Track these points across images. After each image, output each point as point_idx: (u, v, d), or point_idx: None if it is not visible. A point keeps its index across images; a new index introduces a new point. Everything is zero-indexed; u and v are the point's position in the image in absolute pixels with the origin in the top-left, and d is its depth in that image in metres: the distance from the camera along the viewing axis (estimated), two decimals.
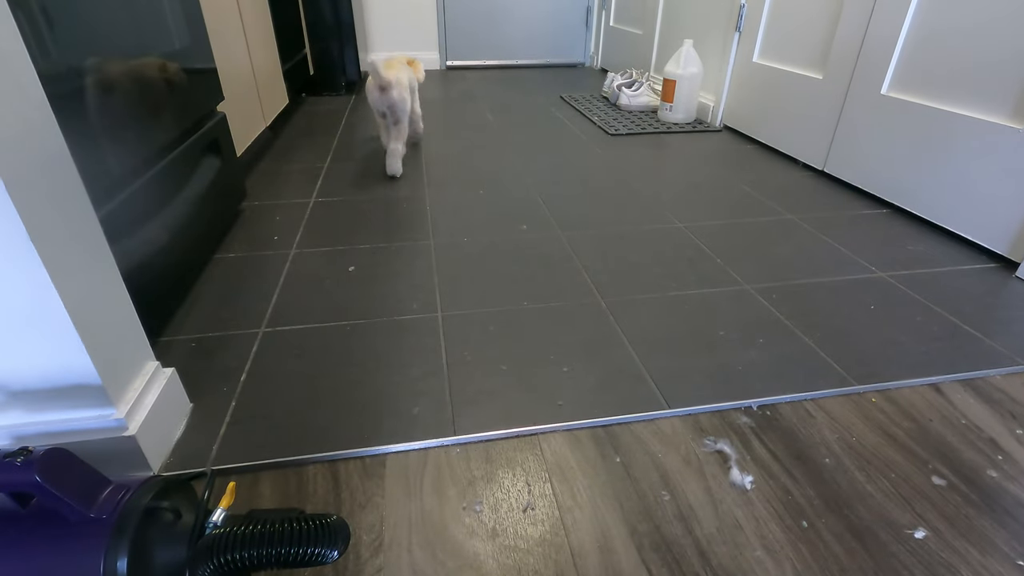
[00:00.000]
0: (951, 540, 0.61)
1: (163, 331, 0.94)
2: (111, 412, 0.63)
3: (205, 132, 1.18)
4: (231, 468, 0.69)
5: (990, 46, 1.16)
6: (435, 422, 0.76)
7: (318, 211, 1.41)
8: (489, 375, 0.85)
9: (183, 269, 1.06)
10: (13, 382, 0.60)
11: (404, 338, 0.93)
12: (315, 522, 0.47)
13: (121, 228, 0.81)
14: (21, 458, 0.43)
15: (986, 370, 0.86)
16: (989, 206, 1.19)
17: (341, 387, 0.82)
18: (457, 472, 0.69)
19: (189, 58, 1.12)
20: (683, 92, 2.12)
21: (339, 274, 1.12)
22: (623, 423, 0.76)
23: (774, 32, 1.83)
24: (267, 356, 0.88)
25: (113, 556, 0.44)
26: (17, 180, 0.50)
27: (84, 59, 0.76)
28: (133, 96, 0.89)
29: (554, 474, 0.69)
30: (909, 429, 0.75)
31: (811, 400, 0.80)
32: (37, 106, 0.55)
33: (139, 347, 0.70)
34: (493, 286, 1.08)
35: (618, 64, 3.02)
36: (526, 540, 0.61)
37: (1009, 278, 1.11)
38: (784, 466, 0.70)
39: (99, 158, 0.77)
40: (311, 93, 2.70)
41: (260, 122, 1.80)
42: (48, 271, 0.53)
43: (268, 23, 1.99)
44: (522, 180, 1.62)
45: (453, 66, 3.47)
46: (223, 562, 0.45)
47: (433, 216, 1.38)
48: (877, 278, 1.11)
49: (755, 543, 0.60)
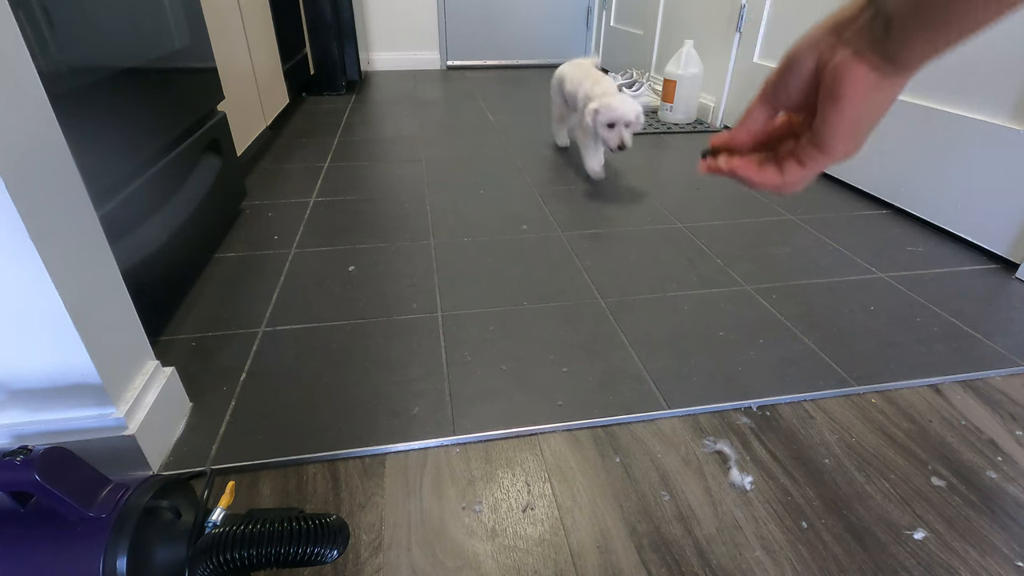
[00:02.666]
0: (950, 541, 0.61)
1: (163, 331, 0.94)
2: (111, 411, 0.63)
3: (205, 131, 1.18)
4: (231, 467, 0.69)
5: (990, 47, 1.16)
6: (435, 422, 0.76)
7: (318, 211, 1.41)
8: (489, 375, 0.85)
9: (183, 269, 1.06)
10: (13, 381, 0.60)
11: (404, 338, 0.93)
12: (314, 522, 0.47)
13: (121, 228, 0.81)
14: (20, 457, 0.43)
15: (986, 371, 0.86)
16: (989, 207, 1.19)
17: (341, 387, 0.82)
18: (457, 472, 0.69)
19: (189, 57, 1.12)
20: (683, 92, 2.12)
21: (339, 274, 1.12)
22: (623, 423, 0.76)
23: (775, 32, 1.83)
24: (267, 356, 0.88)
25: (112, 555, 0.44)
26: (17, 180, 0.50)
27: (85, 59, 0.76)
28: (133, 95, 0.89)
29: (554, 474, 0.69)
30: (909, 430, 0.75)
31: (811, 401, 0.80)
32: (37, 106, 0.55)
33: (139, 346, 0.70)
34: (493, 286, 1.08)
35: (619, 64, 3.02)
36: (525, 540, 0.61)
37: (1009, 279, 1.11)
38: (784, 467, 0.70)
39: (99, 158, 0.77)
40: (311, 93, 2.70)
41: (260, 122, 1.80)
42: (48, 271, 0.53)
43: (268, 23, 1.99)
44: (522, 180, 1.62)
45: (453, 66, 3.47)
46: (222, 561, 0.45)
47: (433, 216, 1.38)
48: (877, 279, 1.11)
49: (755, 544, 0.60)
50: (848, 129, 0.34)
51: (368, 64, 3.38)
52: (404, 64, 3.44)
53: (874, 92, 0.32)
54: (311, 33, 2.60)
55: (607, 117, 1.40)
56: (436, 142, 1.98)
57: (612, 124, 1.40)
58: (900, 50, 0.30)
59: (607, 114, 1.39)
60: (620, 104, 1.40)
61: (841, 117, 0.33)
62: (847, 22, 0.32)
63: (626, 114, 1.39)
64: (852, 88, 0.32)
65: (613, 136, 1.41)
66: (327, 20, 2.60)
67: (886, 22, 0.29)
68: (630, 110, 1.40)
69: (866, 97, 0.32)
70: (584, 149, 1.57)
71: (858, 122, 0.33)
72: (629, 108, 1.40)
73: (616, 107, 1.39)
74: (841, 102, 0.32)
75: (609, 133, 1.41)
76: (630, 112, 1.40)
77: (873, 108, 0.33)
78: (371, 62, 3.40)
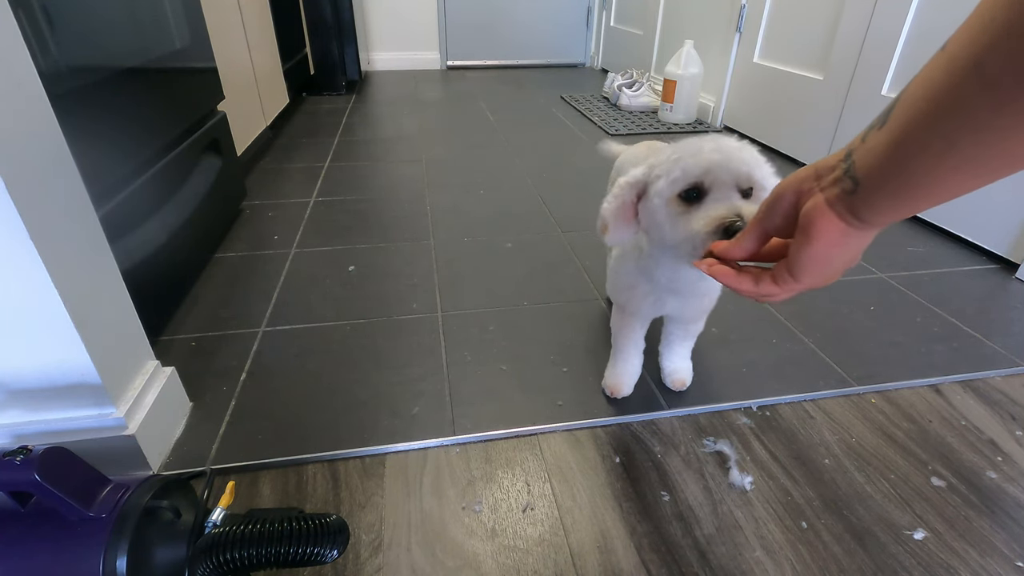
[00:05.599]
0: (950, 541, 0.61)
1: (163, 330, 0.94)
2: (111, 411, 0.63)
3: (205, 131, 1.18)
4: (231, 467, 0.69)
5: None
6: (435, 422, 0.76)
7: (318, 211, 1.40)
8: (489, 375, 0.85)
9: (183, 269, 1.06)
10: (13, 381, 0.59)
11: (404, 338, 0.93)
12: (314, 521, 0.47)
13: (121, 227, 0.81)
14: (20, 457, 0.43)
15: (986, 371, 0.86)
16: (989, 207, 1.19)
17: (341, 387, 0.82)
18: (457, 472, 0.69)
19: (189, 57, 1.12)
20: (684, 93, 2.12)
21: (339, 274, 1.12)
22: (623, 423, 0.76)
23: (775, 33, 1.83)
24: (267, 356, 0.88)
25: (112, 555, 0.44)
26: (17, 180, 0.50)
27: (85, 58, 0.76)
28: (133, 95, 0.89)
29: (554, 474, 0.69)
30: (909, 430, 0.75)
31: (811, 401, 0.80)
32: (37, 106, 0.55)
33: (139, 346, 0.70)
34: (493, 286, 1.08)
35: (619, 64, 3.02)
36: (525, 540, 0.61)
37: (1009, 279, 1.11)
38: (784, 467, 0.70)
39: (99, 158, 0.77)
40: (311, 93, 2.70)
41: (260, 121, 1.80)
42: (48, 271, 0.53)
43: (268, 22, 1.99)
44: (522, 180, 1.62)
45: (453, 66, 3.47)
46: (222, 561, 0.45)
47: (433, 216, 1.38)
48: (877, 279, 1.11)
49: (754, 544, 0.60)
50: (816, 265, 0.36)
51: (368, 64, 3.38)
52: (404, 64, 3.44)
53: (841, 238, 0.34)
54: (311, 33, 2.60)
55: (677, 177, 0.55)
56: (436, 142, 1.98)
57: (696, 189, 0.53)
58: (863, 210, 0.32)
59: (676, 172, 0.54)
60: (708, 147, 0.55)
61: (809, 254, 0.36)
62: (826, 170, 0.34)
63: (729, 164, 0.53)
64: (820, 232, 0.34)
65: (705, 221, 0.51)
66: (327, 20, 2.60)
67: (854, 182, 0.31)
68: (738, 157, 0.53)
69: (833, 242, 0.34)
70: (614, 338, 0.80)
71: (826, 260, 0.36)
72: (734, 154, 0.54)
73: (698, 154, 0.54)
74: (810, 242, 0.35)
75: (690, 220, 0.53)
76: (739, 162, 0.53)
77: (843, 252, 0.35)
78: (371, 62, 3.40)
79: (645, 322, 0.77)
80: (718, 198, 0.52)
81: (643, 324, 0.77)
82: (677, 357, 0.80)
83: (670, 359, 0.81)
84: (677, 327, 0.78)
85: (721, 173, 0.52)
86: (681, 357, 0.81)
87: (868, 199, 0.31)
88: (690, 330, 0.78)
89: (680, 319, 0.76)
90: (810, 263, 0.36)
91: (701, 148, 0.53)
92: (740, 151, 0.53)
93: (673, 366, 0.81)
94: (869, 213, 0.32)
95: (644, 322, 0.77)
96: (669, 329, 0.79)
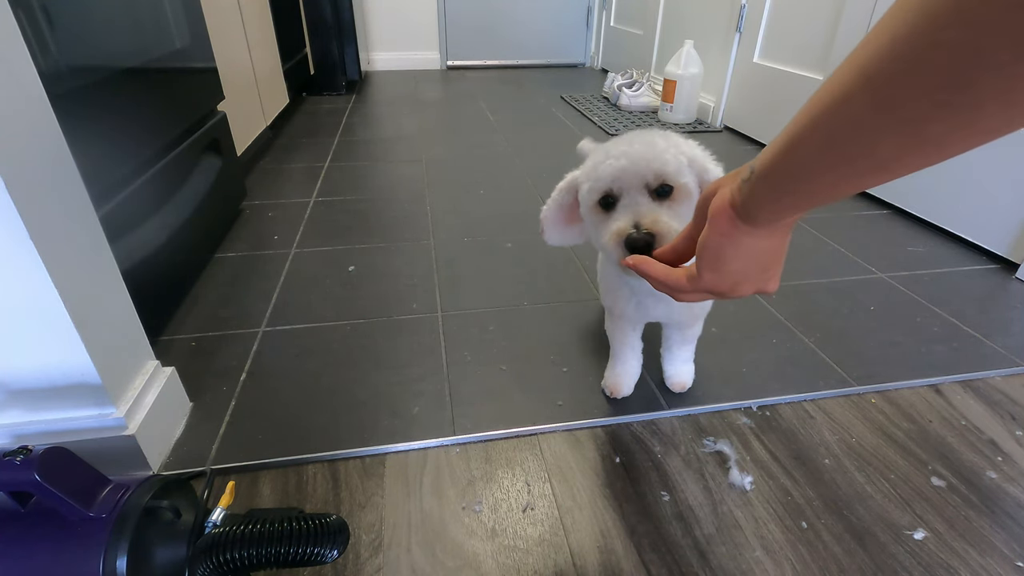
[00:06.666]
0: (950, 541, 0.61)
1: (163, 330, 0.94)
2: (111, 411, 0.63)
3: (205, 131, 1.18)
4: (231, 467, 0.69)
5: None
6: (435, 422, 0.76)
7: (318, 211, 1.40)
8: (489, 375, 0.85)
9: (183, 269, 1.06)
10: (13, 381, 0.60)
11: (404, 338, 0.93)
12: (314, 521, 0.47)
13: (121, 228, 0.81)
14: (21, 457, 0.43)
15: (986, 371, 0.86)
16: (989, 207, 1.19)
17: (341, 387, 0.82)
18: (457, 472, 0.69)
19: (189, 57, 1.12)
20: (684, 92, 2.12)
21: (339, 274, 1.12)
22: (623, 423, 0.76)
23: (775, 33, 1.83)
24: (267, 356, 0.88)
25: (112, 555, 0.44)
26: (17, 180, 0.50)
27: (85, 58, 0.76)
28: (133, 95, 0.89)
29: (554, 474, 0.69)
30: (909, 430, 0.75)
31: (811, 401, 0.80)
32: (37, 106, 0.55)
33: (139, 346, 0.70)
34: (493, 286, 1.08)
35: (618, 64, 3.02)
36: (525, 540, 0.61)
37: (1009, 279, 1.11)
38: (784, 467, 0.70)
39: (99, 158, 0.77)
40: (311, 93, 2.70)
41: (260, 121, 1.80)
42: (48, 271, 0.53)
43: (268, 22, 1.99)
44: (522, 180, 1.62)
45: (453, 66, 3.47)
46: (222, 561, 0.45)
47: (433, 216, 1.38)
48: (877, 279, 1.11)
49: (754, 544, 0.60)
50: (708, 254, 0.37)
51: (368, 64, 3.38)
52: (404, 64, 3.44)
53: (729, 227, 0.35)
54: (311, 33, 2.60)
55: (593, 185, 0.55)
56: (436, 142, 1.98)
57: (609, 196, 0.54)
58: (749, 204, 0.33)
59: (592, 179, 0.55)
60: (615, 152, 0.54)
61: (704, 243, 0.36)
62: (743, 169, 0.34)
63: (636, 168, 0.53)
64: (712, 218, 0.35)
65: (608, 236, 0.53)
66: (327, 20, 2.60)
67: (751, 170, 0.32)
68: (648, 157, 0.53)
69: (722, 231, 0.35)
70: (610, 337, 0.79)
71: (718, 250, 0.36)
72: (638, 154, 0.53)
73: (606, 160, 0.54)
74: (706, 230, 0.36)
75: (607, 228, 0.53)
76: (646, 163, 0.53)
77: (735, 248, 0.35)
78: (371, 62, 3.40)
79: (637, 326, 0.76)
80: (626, 204, 0.52)
81: (635, 328, 0.76)
82: (678, 361, 0.80)
83: (671, 363, 0.81)
84: (673, 332, 0.77)
85: (628, 178, 0.52)
86: (682, 361, 0.80)
87: (753, 188, 0.32)
88: (687, 334, 0.77)
89: (673, 324, 0.75)
90: (704, 252, 0.37)
91: (609, 153, 0.53)
92: (652, 148, 0.52)
93: (674, 370, 0.81)
94: (754, 208, 0.33)
95: (635, 326, 0.76)
96: (667, 334, 0.78)
